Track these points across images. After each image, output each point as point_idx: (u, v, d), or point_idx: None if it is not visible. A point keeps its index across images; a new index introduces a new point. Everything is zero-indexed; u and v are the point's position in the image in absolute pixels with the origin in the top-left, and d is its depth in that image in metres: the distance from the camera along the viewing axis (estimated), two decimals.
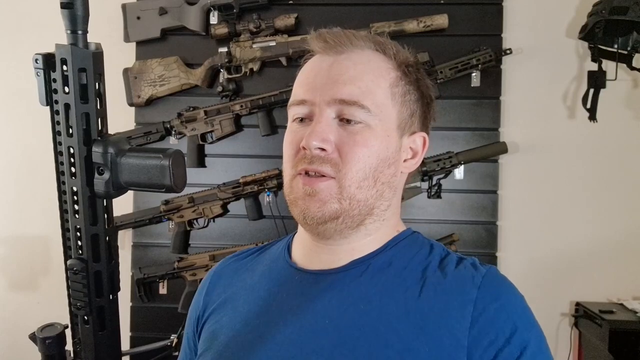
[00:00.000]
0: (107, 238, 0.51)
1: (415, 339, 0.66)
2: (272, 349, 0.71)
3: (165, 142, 2.23)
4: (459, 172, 2.12)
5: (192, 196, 2.17)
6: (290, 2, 2.19)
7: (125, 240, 2.28)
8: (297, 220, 0.74)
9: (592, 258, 2.16)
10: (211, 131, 2.19)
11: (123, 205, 2.25)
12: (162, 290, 2.22)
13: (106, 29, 2.29)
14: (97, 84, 0.48)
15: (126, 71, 2.23)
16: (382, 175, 0.73)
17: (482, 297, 0.68)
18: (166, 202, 2.18)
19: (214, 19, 2.18)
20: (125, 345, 2.19)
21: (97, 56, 0.49)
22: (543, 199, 2.17)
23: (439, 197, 2.09)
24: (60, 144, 0.48)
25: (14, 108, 2.39)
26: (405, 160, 0.77)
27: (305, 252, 0.78)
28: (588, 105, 2.08)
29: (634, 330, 1.87)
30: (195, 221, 2.21)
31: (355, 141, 0.71)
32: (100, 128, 0.48)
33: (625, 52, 2.05)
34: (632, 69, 2.07)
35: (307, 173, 0.71)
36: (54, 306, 2.38)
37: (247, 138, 2.23)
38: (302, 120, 0.74)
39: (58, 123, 0.48)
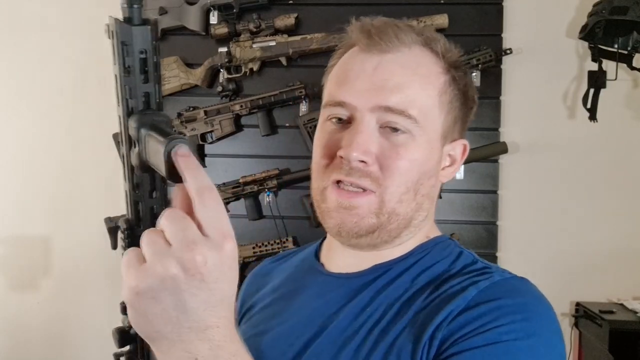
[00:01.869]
0: (153, 207, 0.51)
1: (404, 337, 0.64)
2: (280, 345, 0.72)
3: None
4: (459, 172, 2.11)
5: None
6: (290, 2, 2.19)
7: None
8: (329, 233, 0.73)
9: (592, 258, 2.16)
10: (211, 131, 2.18)
11: (123, 205, 2.25)
12: None
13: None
14: (143, 59, 0.48)
15: None
16: (423, 187, 0.70)
17: (479, 297, 0.63)
18: None
19: (213, 19, 2.18)
20: None
21: (142, 31, 0.49)
22: (543, 199, 2.17)
23: (439, 197, 2.09)
24: None
25: (14, 108, 2.39)
26: (443, 169, 0.74)
27: (332, 254, 0.77)
28: (588, 105, 2.08)
29: (634, 330, 1.87)
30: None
31: (398, 154, 0.67)
32: (145, 103, 0.48)
33: (626, 52, 2.04)
34: (632, 69, 2.07)
35: (338, 182, 0.68)
36: (54, 306, 2.38)
37: (247, 138, 2.23)
38: (338, 120, 0.70)
39: None
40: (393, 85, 0.67)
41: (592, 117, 2.08)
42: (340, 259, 0.75)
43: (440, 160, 0.72)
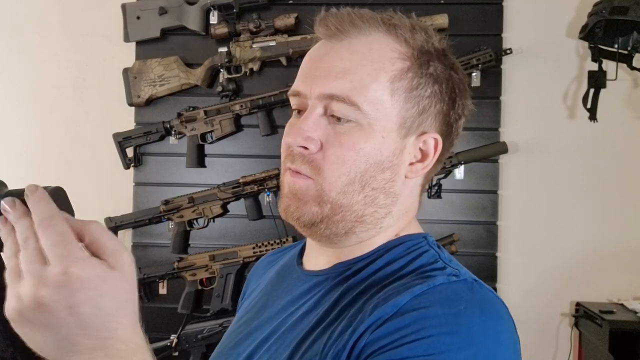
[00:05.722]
0: None
1: (333, 339, 0.61)
2: (243, 345, 0.73)
3: (165, 142, 2.23)
4: (459, 172, 2.12)
5: (192, 196, 2.17)
6: (290, 2, 2.19)
7: (125, 240, 2.27)
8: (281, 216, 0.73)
9: (593, 258, 2.16)
10: (211, 131, 2.18)
11: (123, 205, 2.25)
12: (162, 290, 2.22)
13: (106, 29, 2.29)
14: None
15: (126, 71, 2.22)
16: (374, 180, 0.66)
17: (410, 304, 0.58)
18: (166, 202, 2.18)
19: (213, 18, 2.18)
20: None
21: None
22: (543, 199, 2.17)
23: (439, 197, 2.09)
24: None
25: (14, 108, 2.39)
26: (411, 164, 0.69)
27: (308, 251, 0.78)
28: (588, 105, 2.08)
29: (634, 330, 1.87)
30: (195, 221, 2.21)
31: (340, 142, 0.65)
32: None
33: (626, 52, 2.04)
34: (633, 68, 2.07)
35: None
36: None
37: (247, 138, 2.23)
38: (299, 111, 0.70)
39: None
40: (338, 71, 0.64)
41: (592, 117, 2.08)
42: (313, 257, 0.75)
43: (401, 153, 0.67)
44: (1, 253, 0.49)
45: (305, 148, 0.66)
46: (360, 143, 0.65)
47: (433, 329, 0.55)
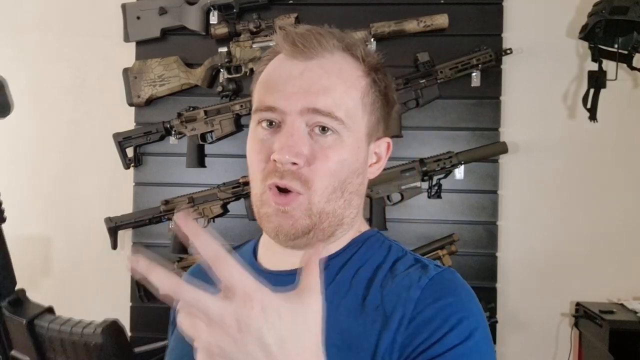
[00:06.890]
0: None
1: (358, 337, 0.66)
2: None
3: (165, 142, 2.23)
4: (459, 172, 2.12)
5: (192, 196, 2.17)
6: (290, 2, 2.19)
7: (125, 240, 2.28)
8: (267, 235, 0.76)
9: (593, 258, 2.16)
10: (211, 131, 2.18)
11: (123, 205, 2.25)
12: None
13: (106, 29, 2.29)
14: None
15: (126, 71, 2.23)
16: (351, 185, 0.73)
17: (424, 297, 0.67)
18: (166, 202, 2.18)
19: (214, 18, 2.18)
20: None
21: None
22: (543, 199, 2.17)
23: (439, 197, 2.09)
24: None
25: (14, 109, 2.38)
26: (370, 165, 0.78)
27: (272, 254, 0.79)
28: (588, 105, 2.08)
29: (634, 330, 1.87)
30: (195, 221, 2.21)
31: (327, 155, 0.70)
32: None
33: (626, 52, 2.04)
34: (633, 68, 2.07)
35: (278, 188, 0.70)
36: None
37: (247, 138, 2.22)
38: (270, 124, 0.72)
39: None
40: (319, 88, 0.70)
41: (592, 117, 2.08)
42: (280, 258, 0.77)
43: (367, 159, 0.76)
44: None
45: (295, 164, 0.69)
46: (343, 154, 0.71)
47: (454, 316, 0.66)
